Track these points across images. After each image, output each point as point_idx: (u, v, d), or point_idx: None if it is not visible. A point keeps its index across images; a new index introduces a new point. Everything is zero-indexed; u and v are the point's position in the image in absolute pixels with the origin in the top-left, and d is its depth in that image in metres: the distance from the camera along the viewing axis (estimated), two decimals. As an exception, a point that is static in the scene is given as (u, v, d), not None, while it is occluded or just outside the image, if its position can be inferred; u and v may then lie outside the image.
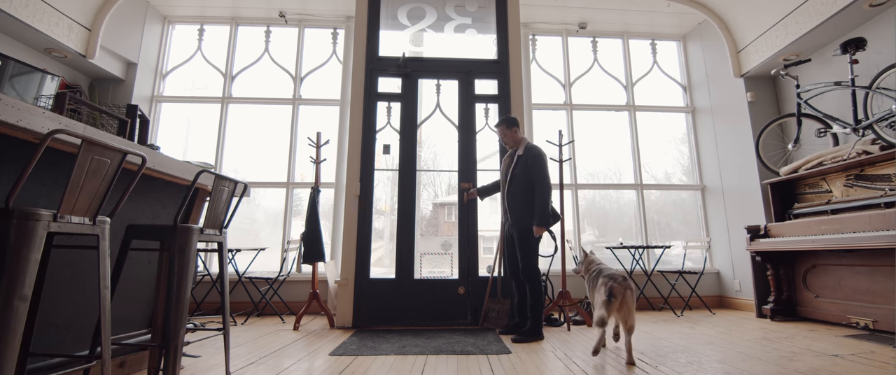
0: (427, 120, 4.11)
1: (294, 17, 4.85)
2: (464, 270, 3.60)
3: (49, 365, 1.58)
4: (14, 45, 3.61)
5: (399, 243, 3.63)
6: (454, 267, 3.68)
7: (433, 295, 3.55)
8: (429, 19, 4.11)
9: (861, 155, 3.08)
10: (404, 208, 3.69)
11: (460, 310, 3.52)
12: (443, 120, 4.11)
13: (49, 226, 1.17)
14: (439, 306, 3.52)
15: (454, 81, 4.02)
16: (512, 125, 3.21)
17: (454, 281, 3.59)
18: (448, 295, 3.55)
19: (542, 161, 3.04)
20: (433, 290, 3.57)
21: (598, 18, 4.93)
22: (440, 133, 4.31)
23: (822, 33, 3.71)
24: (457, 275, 3.62)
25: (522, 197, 3.01)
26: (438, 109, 4.13)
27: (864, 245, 2.81)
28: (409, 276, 3.58)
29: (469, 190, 3.60)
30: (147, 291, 2.19)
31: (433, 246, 4.16)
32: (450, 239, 4.08)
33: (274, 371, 2.13)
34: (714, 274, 4.57)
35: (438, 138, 4.45)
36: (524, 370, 2.14)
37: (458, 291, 3.55)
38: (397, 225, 3.68)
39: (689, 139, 5.07)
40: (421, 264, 3.73)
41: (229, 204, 1.97)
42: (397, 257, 3.61)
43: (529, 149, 3.09)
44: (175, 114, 4.75)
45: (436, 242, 4.29)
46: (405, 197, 3.70)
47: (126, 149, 1.35)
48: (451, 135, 3.96)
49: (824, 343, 2.70)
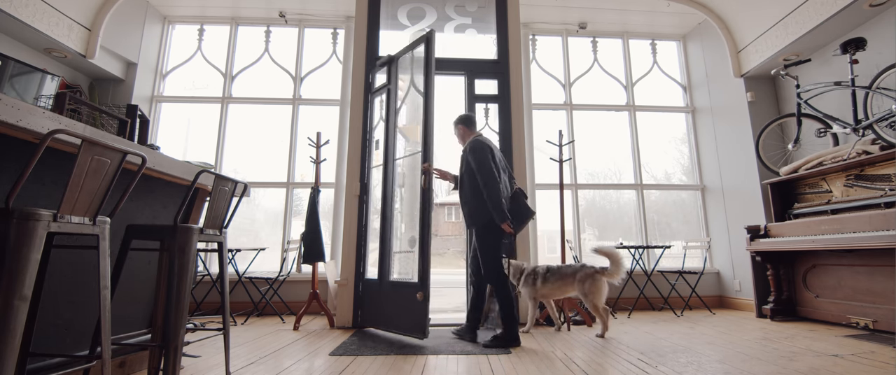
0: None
1: (294, 17, 4.85)
2: (423, 272, 2.85)
3: (49, 365, 1.58)
4: (14, 45, 3.61)
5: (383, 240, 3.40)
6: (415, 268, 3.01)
7: (401, 300, 3.00)
8: (429, 19, 4.11)
9: (861, 155, 3.08)
10: (386, 202, 3.44)
11: (418, 321, 2.81)
12: (443, 119, 4.10)
13: (49, 226, 1.17)
14: (406, 313, 2.93)
15: (454, 81, 4.01)
16: (459, 123, 3.09)
17: (414, 285, 2.90)
18: (410, 300, 2.90)
19: (478, 152, 2.79)
20: (401, 294, 3.03)
21: (598, 18, 4.93)
22: (440, 133, 4.30)
23: (822, 33, 3.71)
24: (416, 278, 2.92)
25: (471, 195, 2.83)
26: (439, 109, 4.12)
27: (864, 245, 2.81)
28: (387, 277, 3.22)
29: (427, 171, 3.01)
30: (147, 291, 2.19)
31: (432, 246, 4.14)
32: (448, 240, 4.05)
33: (274, 371, 2.13)
34: (714, 274, 4.57)
35: (438, 138, 4.44)
36: (524, 370, 2.14)
37: (416, 297, 2.83)
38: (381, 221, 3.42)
39: (689, 139, 5.07)
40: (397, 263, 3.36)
41: (229, 204, 1.97)
42: (380, 255, 3.35)
43: (470, 143, 2.90)
44: (175, 114, 4.75)
45: (435, 242, 4.27)
46: (387, 190, 3.46)
47: (126, 149, 1.35)
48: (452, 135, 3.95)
49: (824, 343, 2.70)
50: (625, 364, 2.22)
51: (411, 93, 3.51)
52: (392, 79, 3.61)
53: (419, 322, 2.80)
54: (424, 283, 2.82)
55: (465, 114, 3.19)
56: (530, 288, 3.10)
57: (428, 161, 3.01)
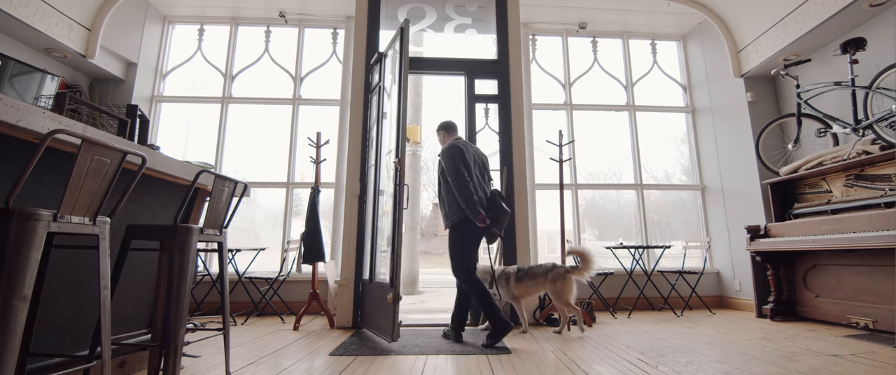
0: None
1: (294, 17, 4.85)
2: (395, 272, 2.74)
3: (49, 365, 1.58)
4: (14, 45, 3.61)
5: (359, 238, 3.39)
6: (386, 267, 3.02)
7: (377, 300, 3.02)
8: (429, 19, 4.11)
9: (861, 155, 3.08)
10: (375, 201, 3.45)
11: (388, 323, 2.72)
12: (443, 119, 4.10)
13: (49, 226, 1.17)
14: (381, 314, 2.91)
15: (454, 81, 4.01)
16: (440, 130, 3.22)
17: (385, 286, 2.87)
18: (384, 302, 2.83)
19: (447, 155, 2.90)
20: (377, 294, 3.03)
21: (598, 18, 4.93)
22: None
23: (822, 33, 3.71)
24: (388, 278, 2.86)
25: (446, 195, 2.94)
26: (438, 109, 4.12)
27: (864, 245, 2.81)
28: (371, 277, 3.24)
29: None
30: (147, 291, 2.19)
31: (432, 246, 4.15)
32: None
33: (274, 371, 2.13)
34: (714, 274, 4.57)
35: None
36: (524, 370, 2.14)
37: (386, 299, 2.73)
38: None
39: (689, 139, 5.07)
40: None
41: (229, 204, 1.97)
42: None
43: (444, 147, 3.03)
44: (175, 114, 4.75)
45: (435, 242, 4.28)
46: (376, 189, 3.45)
47: (126, 149, 1.35)
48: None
49: (824, 343, 2.70)
50: (625, 364, 2.22)
51: (394, 89, 3.41)
52: (382, 77, 3.62)
53: (387, 324, 2.73)
54: (394, 284, 2.71)
55: (445, 121, 3.27)
56: (505, 290, 3.19)
57: (398, 157, 2.95)
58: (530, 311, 3.55)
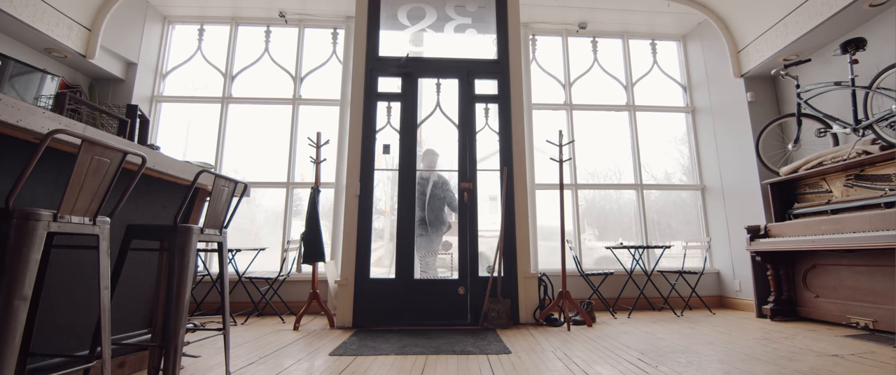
0: (427, 119, 4.10)
1: (294, 17, 4.85)
2: (464, 270, 3.60)
3: (49, 365, 1.58)
4: (14, 45, 3.61)
5: (399, 243, 3.63)
6: (454, 268, 3.69)
7: (433, 296, 3.55)
8: (429, 19, 4.11)
9: (861, 155, 3.08)
10: (404, 207, 3.69)
11: (460, 311, 3.51)
12: (443, 119, 4.10)
13: (49, 226, 1.17)
14: (439, 306, 3.53)
15: (454, 81, 4.01)
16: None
17: (454, 282, 3.60)
18: (448, 295, 3.55)
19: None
20: (433, 290, 3.57)
21: (598, 18, 4.93)
22: (441, 132, 4.31)
23: (822, 33, 3.71)
24: (457, 275, 3.63)
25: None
26: (439, 109, 4.13)
27: (864, 245, 2.81)
28: (410, 276, 3.58)
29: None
30: (147, 291, 2.19)
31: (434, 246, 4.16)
32: (451, 240, 4.07)
33: (274, 371, 2.13)
34: (714, 274, 4.57)
35: (439, 138, 4.45)
36: (524, 370, 2.14)
37: (458, 291, 3.55)
38: (397, 225, 3.68)
39: (689, 139, 5.07)
40: (418, 264, 3.75)
41: (229, 204, 1.97)
42: (397, 257, 3.61)
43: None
44: (175, 114, 4.75)
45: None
46: (405, 197, 3.70)
47: (126, 149, 1.35)
48: (452, 135, 3.96)
49: (824, 343, 2.70)
50: (625, 364, 2.22)
51: (436, 115, 4.10)
52: (408, 91, 3.90)
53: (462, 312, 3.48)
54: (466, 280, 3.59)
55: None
56: None
57: (470, 181, 3.73)
58: (530, 310, 3.55)
